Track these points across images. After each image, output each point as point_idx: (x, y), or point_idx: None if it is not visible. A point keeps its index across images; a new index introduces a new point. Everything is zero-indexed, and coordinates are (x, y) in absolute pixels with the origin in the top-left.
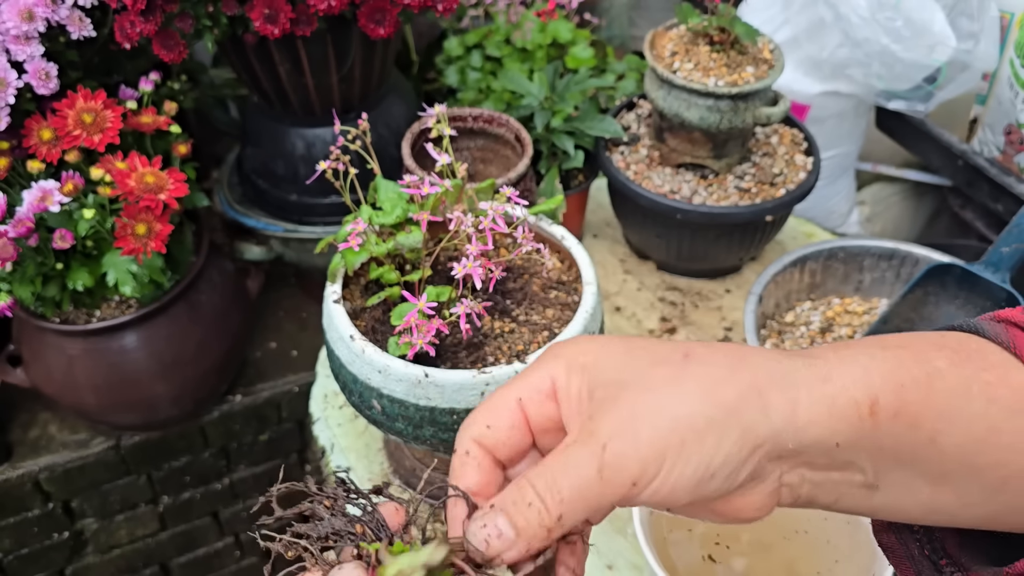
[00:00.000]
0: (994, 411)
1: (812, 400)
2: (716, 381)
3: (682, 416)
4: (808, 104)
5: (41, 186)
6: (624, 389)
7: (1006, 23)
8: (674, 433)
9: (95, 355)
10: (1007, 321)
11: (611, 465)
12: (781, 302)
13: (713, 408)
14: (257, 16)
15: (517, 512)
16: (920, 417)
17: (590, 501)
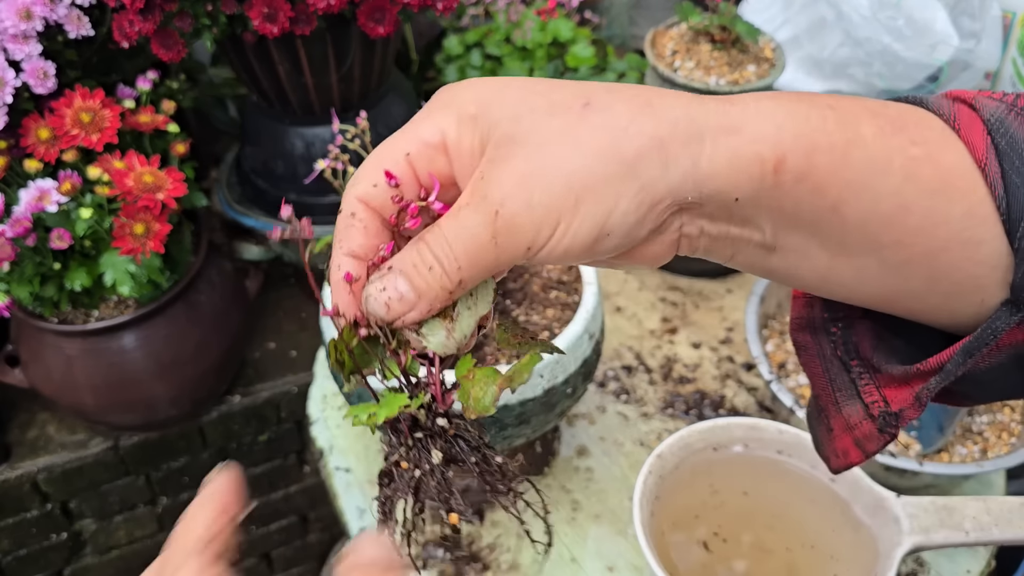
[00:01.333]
0: (910, 189)
1: (715, 152)
2: (615, 134)
3: (577, 174)
4: None
5: (39, 185)
6: (518, 144)
7: (1008, 22)
8: (569, 192)
9: (93, 355)
10: (957, 99)
11: (504, 231)
12: (783, 302)
13: (610, 164)
14: (256, 15)
15: (417, 274)
16: (827, 184)
17: (487, 265)
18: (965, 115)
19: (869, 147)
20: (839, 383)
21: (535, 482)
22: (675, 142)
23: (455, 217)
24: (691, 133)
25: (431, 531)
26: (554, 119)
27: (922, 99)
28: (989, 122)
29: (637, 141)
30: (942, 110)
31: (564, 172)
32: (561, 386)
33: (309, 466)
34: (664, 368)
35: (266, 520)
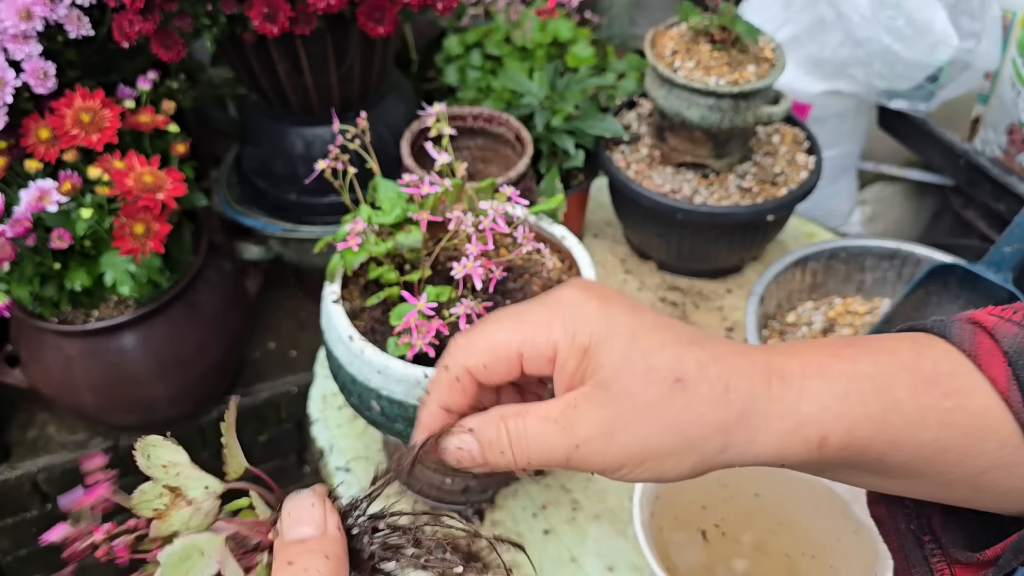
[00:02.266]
0: (945, 435)
1: (768, 438)
2: (692, 418)
3: (651, 442)
4: (810, 103)
5: (39, 185)
6: (612, 397)
7: (1008, 22)
8: (641, 454)
9: (93, 355)
10: (978, 324)
11: (578, 460)
12: (783, 302)
13: (680, 441)
14: (256, 15)
15: (490, 450)
16: (868, 448)
17: (552, 467)
18: (986, 348)
19: (905, 410)
20: (913, 559)
21: (535, 482)
22: (738, 430)
23: (542, 426)
24: (752, 423)
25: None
26: (648, 389)
27: (945, 327)
28: (1008, 354)
29: (708, 428)
30: (963, 343)
31: (641, 438)
32: None
33: (309, 466)
34: None
35: None
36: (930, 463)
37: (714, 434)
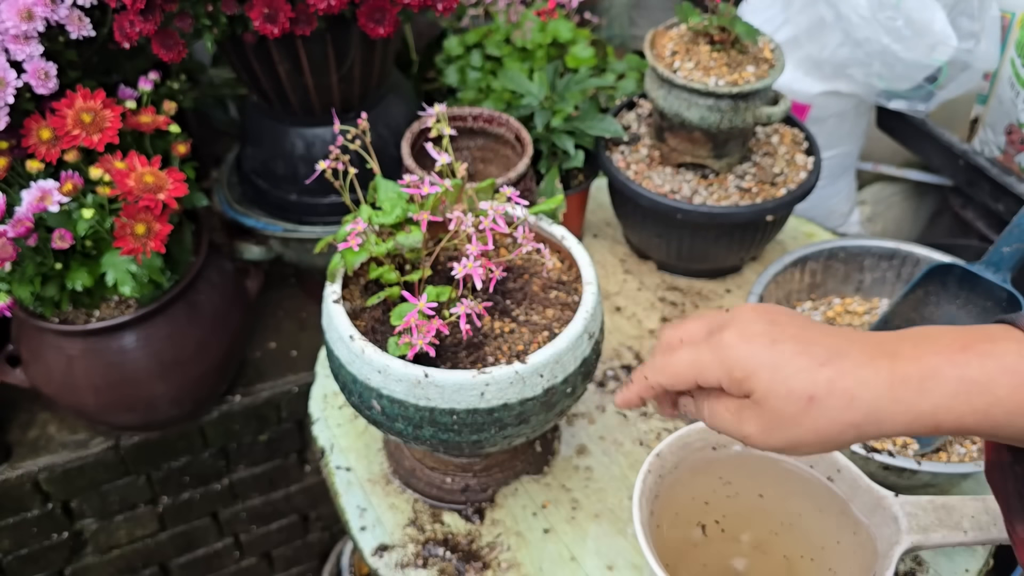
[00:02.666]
0: None
1: (894, 426)
2: (826, 424)
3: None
4: (809, 104)
5: (40, 186)
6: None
7: (1007, 23)
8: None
9: (94, 355)
10: None
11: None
12: (782, 302)
13: (818, 439)
14: (257, 15)
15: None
16: (978, 430)
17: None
18: None
19: (1005, 405)
20: (1015, 511)
21: (535, 481)
22: (866, 425)
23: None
24: (877, 419)
25: (431, 530)
26: (789, 406)
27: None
28: None
29: (839, 427)
30: None
31: (789, 438)
32: (561, 385)
33: (310, 465)
34: None
35: (267, 519)
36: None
37: (846, 430)
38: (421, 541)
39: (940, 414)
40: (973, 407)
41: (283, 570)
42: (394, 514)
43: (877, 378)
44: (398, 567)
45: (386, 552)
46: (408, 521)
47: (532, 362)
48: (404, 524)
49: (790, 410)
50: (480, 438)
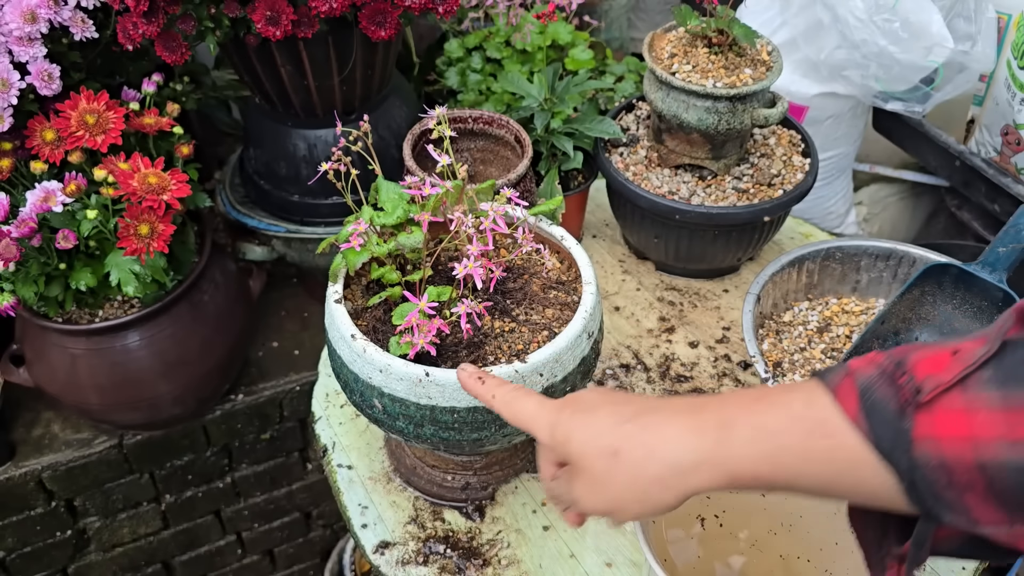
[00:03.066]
0: (831, 468)
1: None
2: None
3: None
4: (806, 105)
5: (44, 187)
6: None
7: (1003, 25)
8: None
9: (98, 355)
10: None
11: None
12: (779, 302)
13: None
14: (259, 18)
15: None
16: (774, 479)
17: None
18: (845, 387)
19: (795, 451)
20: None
21: (535, 479)
22: (670, 477)
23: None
24: (680, 470)
25: (432, 527)
26: (598, 463)
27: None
28: (859, 389)
29: (646, 480)
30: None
31: (607, 498)
32: (560, 384)
33: (312, 464)
34: (662, 367)
35: (269, 517)
36: (828, 486)
37: (651, 485)
38: (422, 538)
39: (735, 462)
40: (764, 453)
41: (285, 567)
42: (395, 512)
43: (676, 431)
44: (399, 564)
45: (387, 549)
46: (409, 519)
47: (532, 361)
48: (405, 522)
49: (600, 467)
50: (480, 436)
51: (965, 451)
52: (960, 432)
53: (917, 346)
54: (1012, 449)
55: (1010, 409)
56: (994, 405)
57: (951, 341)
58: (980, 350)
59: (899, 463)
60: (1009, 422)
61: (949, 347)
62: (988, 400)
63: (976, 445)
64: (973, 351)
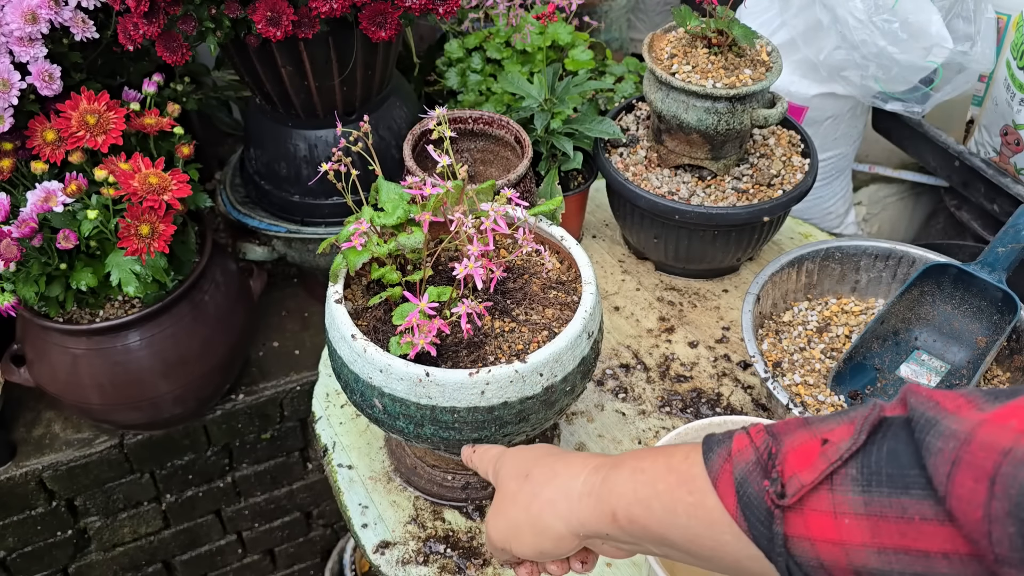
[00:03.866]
0: (694, 524)
1: (583, 510)
2: (529, 501)
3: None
4: (805, 106)
5: (45, 187)
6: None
7: (1002, 25)
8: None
9: (99, 354)
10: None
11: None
12: (778, 302)
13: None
14: (260, 19)
15: None
16: (647, 525)
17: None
18: (724, 479)
19: (663, 499)
20: None
21: None
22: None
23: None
24: (571, 498)
25: (432, 527)
26: (511, 483)
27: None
28: (736, 482)
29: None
30: (712, 472)
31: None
32: (560, 384)
33: (312, 463)
34: (661, 367)
35: (269, 517)
36: (695, 545)
37: (544, 508)
38: (422, 538)
39: (614, 499)
40: (638, 496)
41: (286, 567)
42: (395, 511)
43: (581, 464)
44: (399, 564)
45: (387, 549)
46: (409, 518)
47: (532, 361)
48: (405, 521)
49: (512, 488)
50: (480, 436)
51: (838, 555)
52: (830, 536)
53: (796, 427)
54: (879, 558)
55: (872, 515)
56: (858, 510)
57: (830, 423)
58: (845, 444)
59: (777, 562)
60: (873, 529)
61: (821, 434)
62: (852, 504)
63: (846, 550)
64: (839, 444)
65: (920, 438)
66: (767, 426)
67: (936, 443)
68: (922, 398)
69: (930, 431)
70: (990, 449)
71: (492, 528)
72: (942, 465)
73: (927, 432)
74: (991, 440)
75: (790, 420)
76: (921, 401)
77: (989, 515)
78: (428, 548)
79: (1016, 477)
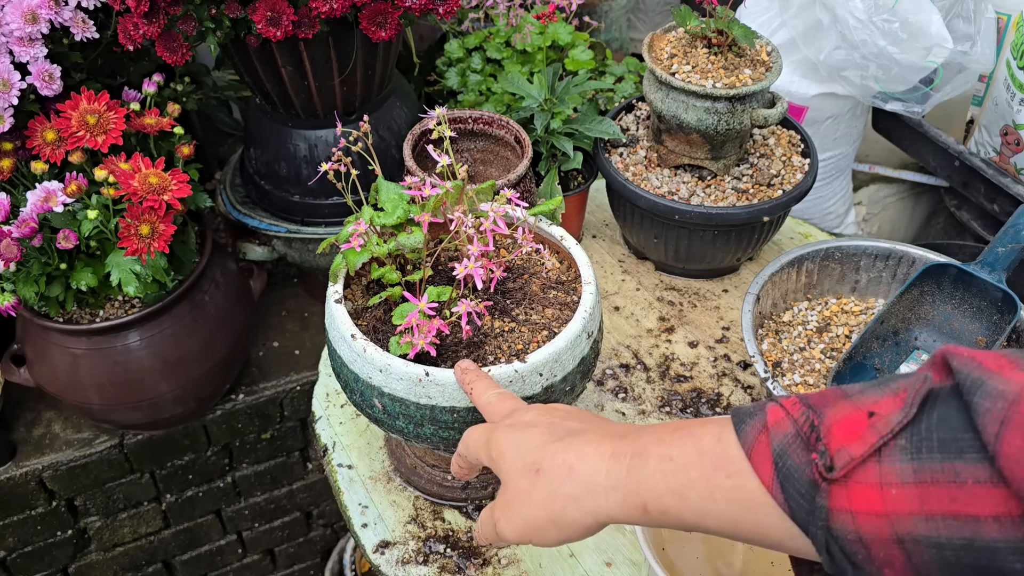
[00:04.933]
0: (734, 509)
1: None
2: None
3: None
4: (805, 106)
5: (45, 187)
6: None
7: (1002, 25)
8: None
9: (99, 354)
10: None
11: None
12: (778, 302)
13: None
14: (260, 19)
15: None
16: (680, 514)
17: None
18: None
19: (697, 486)
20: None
21: None
22: (585, 499)
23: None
24: (594, 493)
25: (432, 527)
26: (521, 480)
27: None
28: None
29: (562, 503)
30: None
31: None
32: (560, 384)
33: (312, 463)
34: (661, 367)
35: (270, 517)
36: (736, 529)
37: (567, 504)
38: (422, 538)
39: (643, 492)
40: (670, 486)
41: (286, 567)
42: (395, 511)
43: (597, 453)
44: (399, 564)
45: (387, 549)
46: (409, 518)
47: (532, 361)
48: (405, 521)
49: (523, 484)
50: None
51: (881, 526)
52: (875, 508)
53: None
54: (927, 525)
55: (921, 483)
56: (906, 479)
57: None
58: (896, 417)
59: (815, 536)
60: (922, 496)
61: (866, 406)
62: (900, 473)
63: (891, 521)
64: (889, 417)
65: (969, 400)
66: (801, 397)
67: (984, 403)
68: (965, 359)
69: (976, 391)
70: None
71: (506, 526)
72: (991, 425)
73: (974, 393)
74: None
75: (825, 392)
76: (964, 362)
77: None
78: (428, 548)
79: None
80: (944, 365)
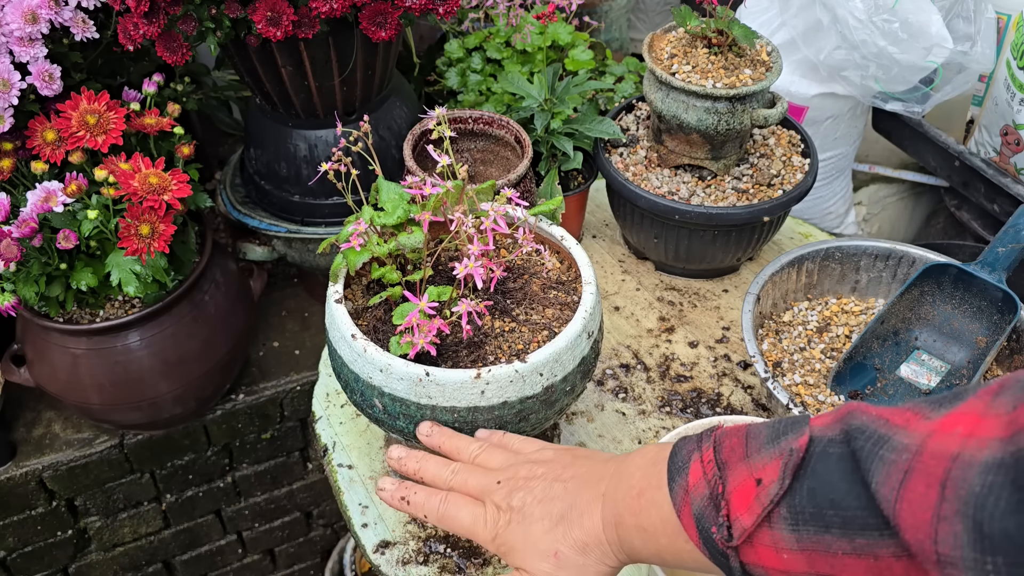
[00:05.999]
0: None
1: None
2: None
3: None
4: (805, 106)
5: (45, 187)
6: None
7: (1002, 25)
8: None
9: (99, 354)
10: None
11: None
12: (778, 302)
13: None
14: (260, 19)
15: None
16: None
17: None
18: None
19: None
20: None
21: None
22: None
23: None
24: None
25: (432, 526)
26: (543, 565)
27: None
28: (695, 517)
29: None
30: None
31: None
32: (560, 384)
33: (312, 463)
34: (661, 367)
35: (270, 517)
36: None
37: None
38: (422, 538)
39: (635, 557)
40: (652, 553)
41: (286, 567)
42: (396, 511)
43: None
44: (399, 564)
45: (387, 549)
46: (409, 518)
47: (532, 361)
48: (405, 521)
49: (547, 569)
50: None
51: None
52: (777, 566)
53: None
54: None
55: (804, 550)
56: (791, 545)
57: (766, 453)
58: (773, 488)
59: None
60: (809, 561)
61: (756, 471)
62: (786, 540)
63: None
64: (769, 488)
65: (866, 462)
66: (716, 452)
67: (889, 456)
68: (870, 418)
69: (883, 446)
70: (940, 457)
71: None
72: (895, 474)
73: (880, 447)
74: (941, 448)
75: (735, 443)
76: (869, 421)
77: (938, 515)
78: (428, 548)
79: (964, 479)
80: (840, 419)
